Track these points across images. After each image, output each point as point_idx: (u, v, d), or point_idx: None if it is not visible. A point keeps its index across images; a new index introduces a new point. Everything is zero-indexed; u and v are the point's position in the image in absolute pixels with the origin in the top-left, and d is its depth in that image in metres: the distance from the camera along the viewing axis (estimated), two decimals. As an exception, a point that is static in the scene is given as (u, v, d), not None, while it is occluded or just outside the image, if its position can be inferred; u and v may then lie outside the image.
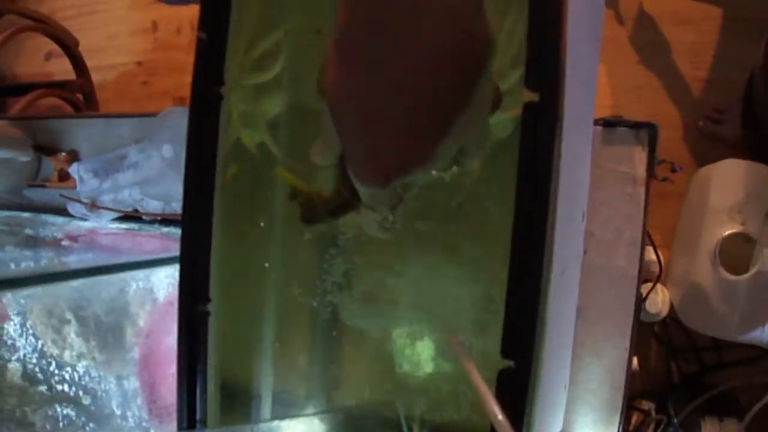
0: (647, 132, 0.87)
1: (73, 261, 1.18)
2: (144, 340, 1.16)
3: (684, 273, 1.59)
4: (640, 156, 0.87)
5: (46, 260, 1.18)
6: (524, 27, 0.56)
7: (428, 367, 0.68)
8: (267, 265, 0.75)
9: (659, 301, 1.64)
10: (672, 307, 1.67)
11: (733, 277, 1.44)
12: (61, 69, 2.77)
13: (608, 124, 0.89)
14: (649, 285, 1.44)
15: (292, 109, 0.74)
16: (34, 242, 1.33)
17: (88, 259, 1.18)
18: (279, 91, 0.74)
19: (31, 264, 1.17)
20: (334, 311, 0.72)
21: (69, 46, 2.61)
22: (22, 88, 2.69)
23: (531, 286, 0.54)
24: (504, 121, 0.61)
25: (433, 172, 0.56)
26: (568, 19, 0.52)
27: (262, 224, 0.75)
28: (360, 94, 0.46)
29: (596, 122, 0.89)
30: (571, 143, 0.56)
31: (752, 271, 1.41)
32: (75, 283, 1.04)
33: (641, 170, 0.87)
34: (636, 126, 0.88)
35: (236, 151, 0.71)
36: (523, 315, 0.54)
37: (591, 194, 0.80)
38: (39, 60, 2.98)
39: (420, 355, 0.68)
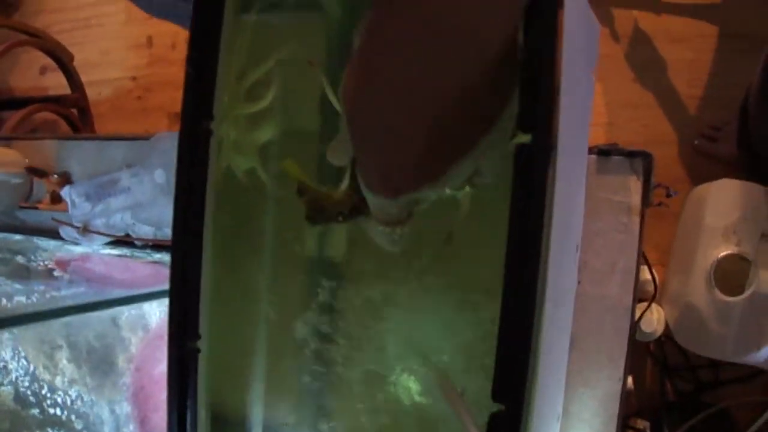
0: (642, 161, 0.87)
1: (65, 296, 1.17)
2: (136, 367, 1.16)
3: (679, 293, 1.58)
4: (635, 185, 0.87)
5: (38, 294, 1.17)
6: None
7: (419, 406, 0.67)
8: (258, 297, 0.74)
9: (654, 320, 1.63)
10: (667, 325, 1.66)
11: (728, 299, 1.43)
12: (56, 83, 2.76)
13: (602, 152, 0.88)
14: (644, 304, 1.44)
15: (284, 136, 0.74)
16: (26, 272, 1.32)
17: (80, 294, 1.17)
18: (271, 119, 0.74)
19: (23, 299, 1.16)
20: (326, 345, 0.71)
21: (64, 61, 2.60)
22: (17, 103, 2.69)
23: (523, 325, 0.53)
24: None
25: (447, 190, 0.55)
26: (564, 55, 0.51)
27: (252, 256, 0.74)
28: (380, 108, 0.47)
29: (590, 150, 0.88)
30: (565, 177, 0.55)
31: (747, 292, 1.41)
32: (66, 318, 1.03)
33: (636, 199, 0.87)
34: (631, 155, 0.87)
35: (226, 180, 0.71)
36: (514, 356, 0.53)
37: (585, 224, 0.80)
38: (34, 74, 2.97)
39: (411, 393, 0.67)
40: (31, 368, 1.16)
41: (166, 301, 0.67)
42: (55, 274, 1.28)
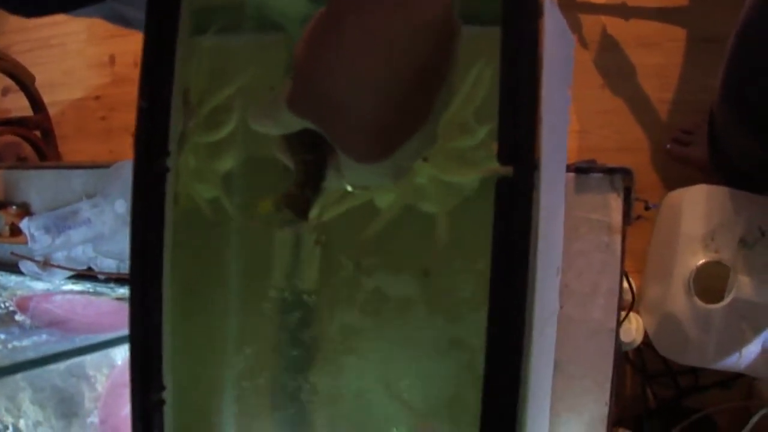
0: (622, 177, 0.84)
1: (26, 346, 1.13)
2: (103, 405, 1.12)
3: (658, 302, 1.57)
4: (616, 203, 0.84)
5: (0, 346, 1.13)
6: (491, 74, 0.53)
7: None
8: (227, 336, 0.71)
9: (633, 329, 1.61)
10: (646, 332, 1.64)
11: (708, 306, 1.41)
12: (19, 105, 2.70)
13: (581, 170, 0.85)
14: (622, 314, 1.41)
15: (247, 164, 0.71)
16: (-14, 318, 1.28)
17: (41, 343, 1.13)
18: (233, 146, 0.70)
19: (-18, 352, 1.12)
20: (297, 391, 0.68)
21: (25, 83, 2.54)
22: (-22, 126, 2.63)
23: (510, 362, 0.50)
24: (472, 181, 0.58)
25: None
26: (544, 80, 0.49)
27: (219, 293, 0.71)
28: (349, 77, 0.46)
29: (568, 168, 0.85)
30: (546, 203, 0.53)
31: (727, 299, 1.39)
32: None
33: (617, 218, 0.84)
34: (610, 171, 0.84)
35: (188, 215, 0.67)
36: (502, 392, 0.50)
37: (565, 245, 0.77)
38: (-5, 96, 2.92)
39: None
40: (-6, 410, 1.13)
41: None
42: (17, 318, 1.23)
